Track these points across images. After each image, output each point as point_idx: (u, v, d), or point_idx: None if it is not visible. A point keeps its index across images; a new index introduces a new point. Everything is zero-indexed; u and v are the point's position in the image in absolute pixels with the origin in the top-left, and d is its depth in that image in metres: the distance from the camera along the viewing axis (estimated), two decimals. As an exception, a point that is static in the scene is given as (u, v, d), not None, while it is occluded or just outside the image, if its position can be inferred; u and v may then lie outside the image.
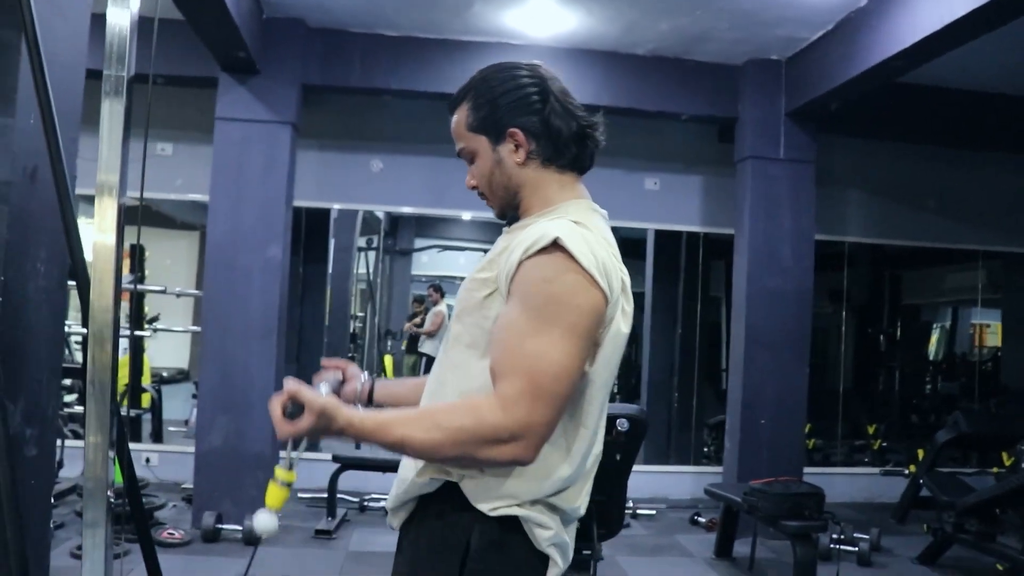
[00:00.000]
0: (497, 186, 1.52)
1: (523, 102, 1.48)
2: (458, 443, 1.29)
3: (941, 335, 10.76)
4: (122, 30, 1.72)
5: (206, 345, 5.21)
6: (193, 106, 5.86)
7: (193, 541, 4.81)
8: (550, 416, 1.30)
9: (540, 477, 1.38)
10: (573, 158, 1.53)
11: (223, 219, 5.22)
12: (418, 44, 5.49)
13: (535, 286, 1.33)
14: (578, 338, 1.32)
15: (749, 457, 5.56)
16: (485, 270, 1.45)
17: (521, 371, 1.29)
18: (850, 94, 5.14)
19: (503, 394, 1.29)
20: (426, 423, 1.31)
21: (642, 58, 5.67)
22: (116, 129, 1.72)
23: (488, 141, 1.50)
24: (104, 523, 1.65)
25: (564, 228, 1.35)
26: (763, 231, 5.64)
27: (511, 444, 1.27)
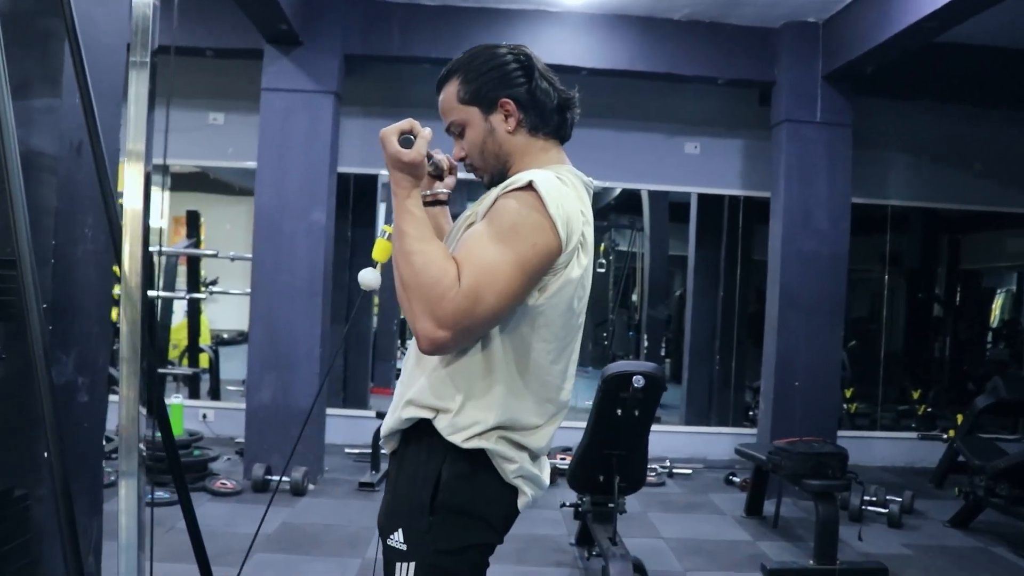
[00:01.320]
0: (489, 154, 1.65)
1: (511, 76, 1.62)
2: (417, 276, 1.43)
3: (1006, 300, 10.54)
4: (145, 5, 1.88)
5: (254, 306, 5.46)
6: (244, 77, 6.07)
7: (244, 491, 5.10)
8: (478, 324, 1.44)
9: (501, 407, 1.52)
10: (556, 126, 1.67)
11: (269, 186, 5.44)
12: (456, 13, 5.61)
13: (504, 213, 1.48)
14: (524, 271, 1.45)
15: (782, 418, 5.64)
16: (471, 208, 1.62)
17: (475, 272, 1.43)
18: (887, 55, 5.10)
19: (463, 278, 1.43)
20: (424, 245, 1.45)
21: (677, 23, 5.69)
22: (142, 100, 1.89)
23: (480, 112, 1.64)
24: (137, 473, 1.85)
25: (541, 175, 1.50)
26: (798, 194, 5.66)
27: (433, 322, 1.41)
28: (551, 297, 1.52)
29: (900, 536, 4.93)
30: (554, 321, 1.56)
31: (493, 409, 1.52)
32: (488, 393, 1.52)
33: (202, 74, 6.31)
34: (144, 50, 1.90)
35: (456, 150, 1.69)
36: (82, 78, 1.87)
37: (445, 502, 1.52)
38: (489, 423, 1.52)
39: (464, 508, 1.53)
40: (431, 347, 1.44)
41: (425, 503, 1.51)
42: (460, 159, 1.70)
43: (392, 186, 1.54)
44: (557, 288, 1.52)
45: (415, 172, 1.53)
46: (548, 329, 1.55)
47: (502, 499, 1.57)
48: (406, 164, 1.51)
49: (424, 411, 1.55)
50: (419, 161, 1.52)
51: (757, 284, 8.19)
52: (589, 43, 5.72)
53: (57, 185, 2.17)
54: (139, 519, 1.91)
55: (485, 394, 1.52)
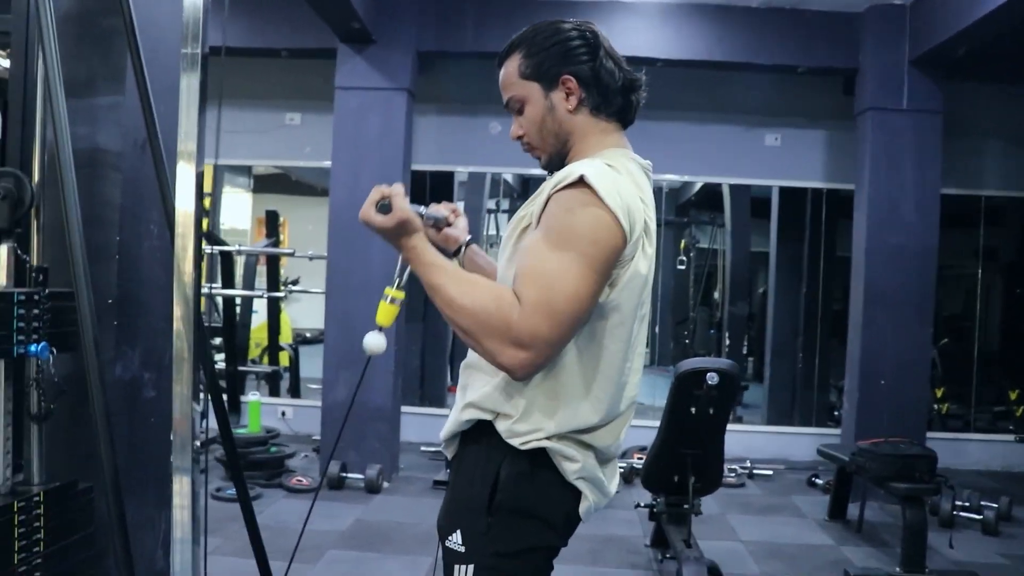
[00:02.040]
0: (548, 132, 1.58)
1: (574, 52, 1.55)
2: (475, 317, 1.38)
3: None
4: (196, 8, 1.89)
5: (330, 304, 5.53)
6: (319, 76, 6.15)
7: (320, 488, 5.15)
8: (558, 334, 1.37)
9: (566, 415, 1.46)
10: (619, 108, 1.59)
11: (344, 184, 5.49)
12: (529, 6, 5.54)
13: (558, 216, 1.40)
14: (592, 269, 1.38)
15: (867, 418, 5.41)
16: (524, 208, 1.54)
17: (539, 284, 1.36)
18: (979, 37, 4.84)
19: (523, 296, 1.36)
20: (463, 287, 1.41)
21: (755, 10, 5.53)
22: (193, 102, 1.89)
23: (541, 88, 1.56)
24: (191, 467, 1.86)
25: (592, 167, 1.42)
26: (884, 186, 5.43)
27: (514, 348, 1.35)
28: (621, 291, 1.46)
29: (996, 544, 4.68)
30: (627, 317, 1.49)
31: (556, 415, 1.47)
32: (553, 398, 1.47)
33: (278, 74, 6.41)
34: (194, 50, 1.90)
35: (514, 128, 1.63)
36: (140, 76, 1.89)
37: (503, 502, 1.47)
38: (550, 430, 1.47)
39: (523, 508, 1.48)
40: (523, 372, 1.39)
41: (483, 503, 1.47)
42: (517, 137, 1.63)
43: (402, 253, 1.49)
44: (626, 280, 1.46)
45: (408, 228, 1.48)
46: (622, 327, 1.49)
47: (563, 500, 1.51)
48: (395, 227, 1.47)
49: (484, 413, 1.50)
50: (405, 217, 1.47)
51: (842, 281, 7.93)
52: (665, 33, 5.60)
53: (122, 182, 2.20)
54: (194, 513, 1.91)
55: (550, 399, 1.47)
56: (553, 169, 1.61)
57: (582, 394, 1.48)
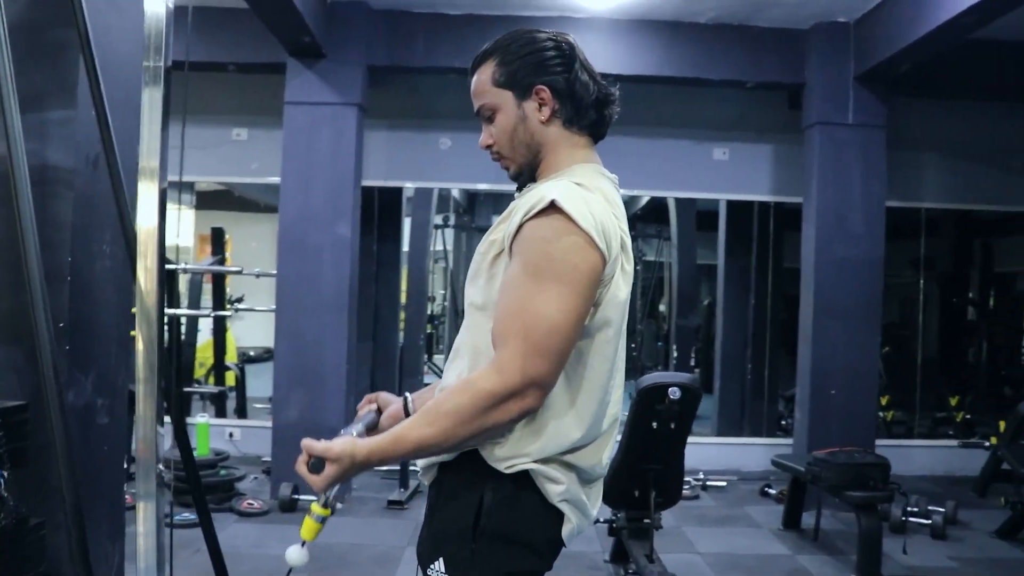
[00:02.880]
0: (519, 143, 1.55)
1: (549, 63, 1.53)
2: (464, 420, 1.33)
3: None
4: (159, 20, 1.82)
5: (280, 322, 5.41)
6: (267, 91, 6.04)
7: (271, 511, 5.03)
8: (546, 369, 1.34)
9: (549, 435, 1.43)
10: (592, 122, 1.58)
11: (293, 200, 5.40)
12: (480, 21, 5.54)
13: (533, 246, 1.37)
14: (575, 296, 1.36)
15: (819, 428, 5.49)
16: (493, 232, 1.50)
17: (515, 333, 1.33)
18: (922, 54, 4.97)
19: (498, 360, 1.34)
20: (429, 417, 1.35)
21: (704, 26, 5.59)
22: (155, 116, 1.82)
23: (514, 97, 1.53)
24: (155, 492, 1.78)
25: (562, 190, 1.39)
26: (832, 199, 5.53)
27: (512, 401, 1.32)
28: (604, 309, 1.44)
29: (945, 548, 4.77)
30: (611, 335, 1.47)
31: (541, 437, 1.44)
32: (538, 420, 1.43)
33: (224, 89, 6.28)
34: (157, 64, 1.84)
35: (484, 136, 1.59)
36: (96, 89, 1.81)
37: (488, 528, 1.43)
38: (536, 453, 1.43)
39: (508, 534, 1.44)
40: (538, 406, 1.37)
41: (467, 530, 1.43)
42: (487, 146, 1.59)
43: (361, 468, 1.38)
44: (608, 299, 1.44)
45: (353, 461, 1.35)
46: (607, 344, 1.47)
47: (547, 523, 1.47)
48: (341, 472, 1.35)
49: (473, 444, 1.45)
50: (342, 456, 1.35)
51: (789, 292, 8.06)
52: (615, 49, 5.63)
53: (73, 200, 2.11)
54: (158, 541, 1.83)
55: (535, 422, 1.43)
56: (523, 180, 1.59)
57: (566, 413, 1.45)
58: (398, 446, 1.36)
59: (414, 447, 1.35)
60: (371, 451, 1.36)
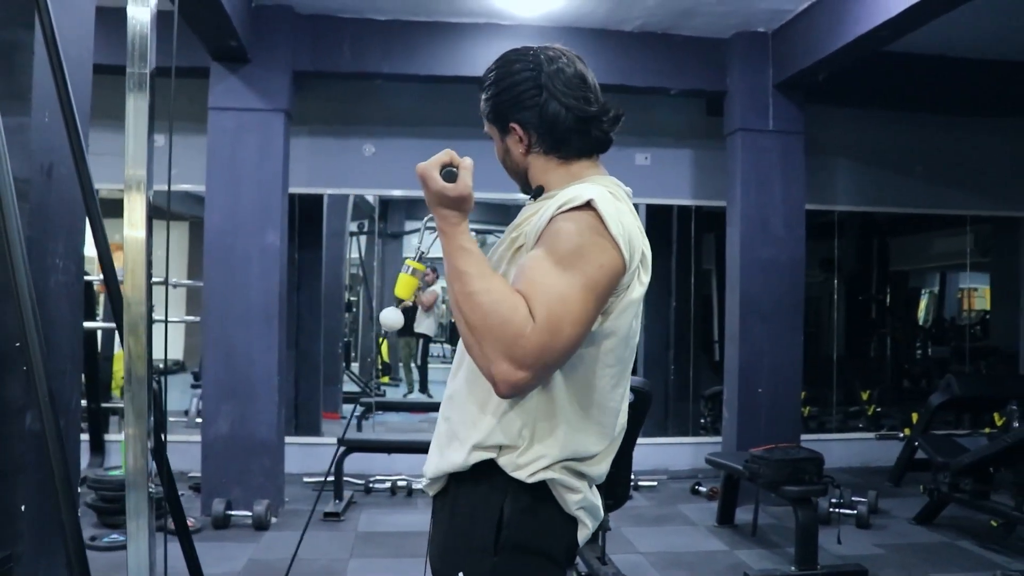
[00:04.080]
0: (511, 170, 1.64)
1: (520, 97, 1.53)
2: (487, 318, 1.32)
3: (929, 300, 10.88)
4: (143, 26, 1.75)
5: (208, 333, 5.24)
6: (185, 96, 5.84)
7: (204, 528, 4.86)
8: (556, 358, 1.34)
9: (564, 438, 1.44)
10: (578, 149, 1.57)
11: (219, 208, 5.24)
12: (407, 27, 5.50)
13: (564, 234, 1.37)
14: (595, 295, 1.36)
15: (748, 426, 5.65)
16: (514, 232, 1.52)
17: (550, 305, 1.32)
18: (838, 64, 5.18)
19: (536, 315, 1.31)
20: (487, 283, 1.35)
21: (630, 34, 5.69)
22: (141, 124, 1.75)
23: (497, 132, 1.60)
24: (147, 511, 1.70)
25: (598, 192, 1.41)
26: (755, 202, 5.70)
27: (510, 364, 1.30)
28: (615, 319, 1.44)
29: (870, 536, 4.98)
30: (618, 345, 1.48)
31: (559, 441, 1.44)
32: (553, 425, 1.44)
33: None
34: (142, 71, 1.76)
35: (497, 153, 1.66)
36: (64, 94, 1.72)
37: (510, 540, 1.42)
38: (555, 456, 1.44)
39: (529, 545, 1.44)
40: (511, 390, 1.33)
41: (488, 543, 1.42)
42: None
43: (439, 224, 1.42)
44: (620, 309, 1.44)
45: (463, 207, 1.42)
46: (613, 353, 1.47)
47: (565, 532, 1.48)
48: (453, 199, 1.40)
49: (490, 452, 1.45)
50: (467, 195, 1.41)
51: (707, 292, 8.26)
52: (541, 56, 5.65)
53: (28, 211, 2.00)
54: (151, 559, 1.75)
55: (550, 426, 1.44)
56: (536, 190, 1.59)
57: (579, 420, 1.46)
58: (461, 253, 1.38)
59: (460, 268, 1.37)
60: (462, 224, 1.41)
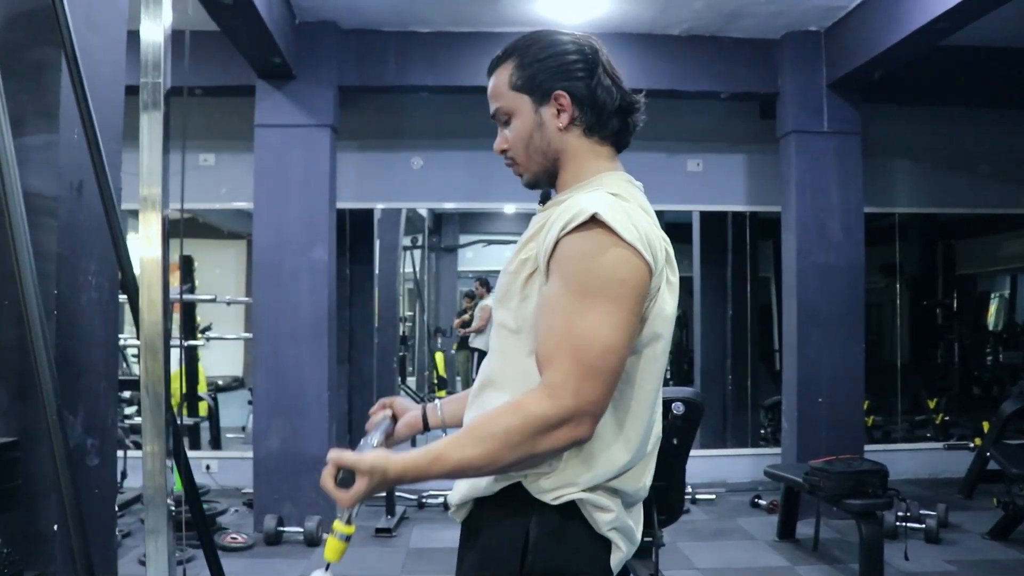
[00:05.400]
0: (535, 150, 1.46)
1: (570, 67, 1.44)
2: (513, 445, 1.25)
3: (1000, 304, 10.48)
4: (156, 44, 1.73)
5: (258, 350, 5.27)
6: (234, 115, 5.91)
7: (256, 544, 4.87)
8: (600, 393, 1.26)
9: (597, 461, 1.35)
10: (615, 131, 1.49)
11: (268, 224, 5.27)
12: (451, 39, 5.48)
13: (576, 263, 1.29)
14: (624, 312, 1.28)
15: (808, 437, 5.46)
16: (524, 251, 1.41)
17: (565, 354, 1.25)
18: (893, 61, 5.00)
19: (549, 382, 1.26)
20: (475, 436, 1.27)
21: (678, 38, 5.58)
22: (156, 141, 1.73)
23: (531, 101, 1.45)
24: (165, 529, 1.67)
25: (601, 201, 1.31)
26: (810, 206, 5.53)
27: (564, 428, 1.24)
28: (653, 324, 1.35)
29: (940, 552, 4.75)
30: (659, 352, 1.39)
31: (590, 466, 1.35)
32: (587, 447, 1.34)
33: (191, 113, 6.12)
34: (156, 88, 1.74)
35: (498, 141, 1.50)
36: (86, 111, 1.70)
37: (536, 565, 1.33)
38: (584, 483, 1.34)
39: (557, 569, 1.34)
40: (589, 435, 1.27)
41: (513, 568, 1.33)
42: (501, 151, 1.50)
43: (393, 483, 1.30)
44: (656, 314, 1.35)
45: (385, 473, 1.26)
46: (655, 362, 1.39)
47: (596, 554, 1.38)
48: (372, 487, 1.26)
49: (515, 477, 1.36)
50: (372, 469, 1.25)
51: (765, 301, 8.06)
52: (588, 63, 5.58)
53: (58, 229, 1.99)
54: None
55: (583, 449, 1.34)
56: (541, 189, 1.51)
57: (615, 438, 1.36)
58: (436, 465, 1.26)
59: (455, 468, 1.26)
60: (406, 467, 1.27)
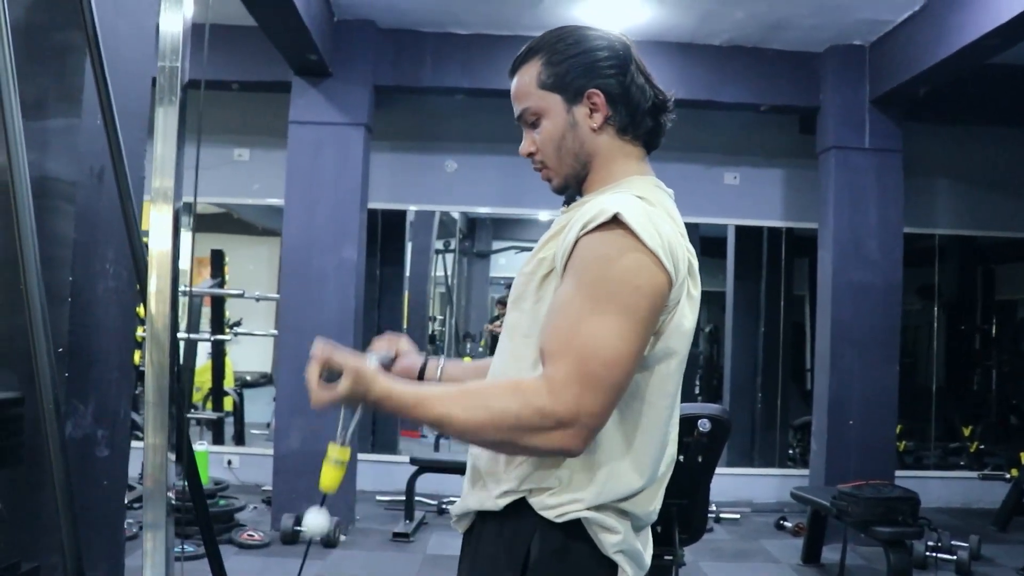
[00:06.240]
0: (566, 153, 1.39)
1: (602, 64, 1.37)
2: (501, 427, 1.19)
3: (1040, 332, 10.19)
4: (174, 36, 1.69)
5: (283, 347, 5.25)
6: (269, 111, 5.91)
7: (272, 543, 4.84)
8: (601, 405, 1.19)
9: (604, 479, 1.28)
10: (648, 132, 1.43)
11: (298, 222, 5.26)
12: (489, 41, 5.44)
13: (592, 264, 1.22)
14: (636, 323, 1.20)
15: (837, 459, 5.33)
16: (542, 250, 1.35)
17: (571, 353, 1.18)
18: (939, 78, 4.89)
19: (551, 376, 1.19)
20: (468, 402, 1.21)
21: (718, 48, 5.50)
22: (170, 134, 1.69)
23: (563, 101, 1.37)
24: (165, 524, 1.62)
25: (625, 203, 1.24)
26: (848, 224, 5.41)
27: (558, 431, 1.17)
28: (668, 340, 1.28)
29: (971, 585, 4.60)
30: (672, 369, 1.31)
31: (597, 484, 1.27)
32: (594, 466, 1.27)
33: (226, 108, 6.14)
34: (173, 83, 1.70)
35: (525, 143, 1.42)
36: (104, 95, 1.67)
37: None
38: (589, 501, 1.27)
39: None
40: (581, 447, 1.20)
41: None
42: (529, 154, 1.43)
43: (374, 408, 1.26)
44: (672, 329, 1.27)
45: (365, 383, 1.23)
46: (669, 379, 1.31)
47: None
48: (352, 389, 1.23)
49: (521, 493, 1.29)
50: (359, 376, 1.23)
51: (798, 319, 7.91)
52: (626, 71, 5.52)
53: (75, 214, 1.96)
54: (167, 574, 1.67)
55: (590, 468, 1.27)
56: (569, 194, 1.44)
57: (623, 456, 1.29)
58: (418, 409, 1.22)
59: (434, 420, 1.22)
60: (389, 394, 1.23)
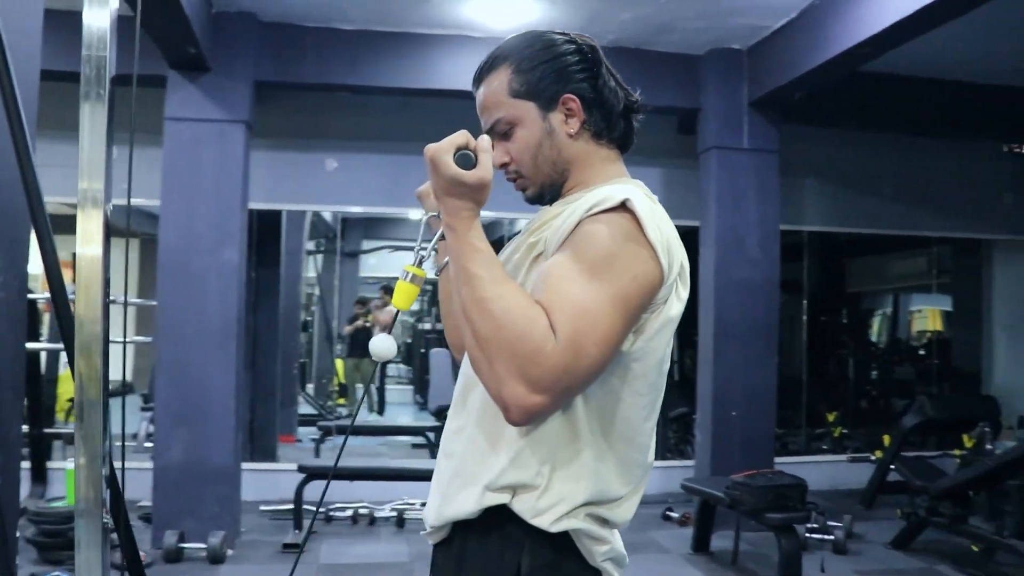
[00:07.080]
0: (544, 161, 1.36)
1: (575, 69, 1.35)
2: (500, 330, 1.14)
3: (881, 322, 10.93)
4: (101, 29, 1.56)
5: (161, 355, 4.97)
6: (139, 107, 5.58)
7: (155, 562, 4.58)
8: (580, 381, 1.17)
9: (589, 477, 1.25)
10: (621, 134, 1.43)
11: (175, 223, 4.98)
12: (374, 38, 5.32)
13: (595, 238, 1.19)
14: (625, 310, 1.18)
15: (722, 450, 5.52)
16: (531, 236, 1.33)
17: (574, 319, 1.14)
18: (814, 83, 5.12)
19: (558, 331, 1.14)
20: (501, 288, 1.17)
21: (603, 49, 5.56)
22: (98, 133, 1.56)
23: (537, 108, 1.34)
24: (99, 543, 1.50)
25: (633, 193, 1.23)
26: (730, 222, 5.60)
27: (525, 386, 1.12)
28: (649, 340, 1.25)
29: (848, 562, 4.87)
30: (650, 369, 1.28)
31: (582, 480, 1.24)
32: (575, 461, 1.24)
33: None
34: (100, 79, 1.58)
35: (498, 154, 1.36)
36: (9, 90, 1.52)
37: None
38: (578, 499, 1.24)
39: None
40: (524, 416, 1.14)
41: None
42: (502, 165, 1.38)
43: (447, 218, 1.22)
44: (656, 329, 1.25)
45: (479, 197, 1.22)
46: (644, 380, 1.28)
47: None
48: (470, 188, 1.20)
49: (503, 494, 1.25)
50: (487, 182, 1.22)
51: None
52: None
53: (-36, 221, 1.78)
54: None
55: (572, 463, 1.24)
56: (546, 202, 1.41)
57: (602, 456, 1.27)
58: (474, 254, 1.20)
59: (470, 271, 1.18)
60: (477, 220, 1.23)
